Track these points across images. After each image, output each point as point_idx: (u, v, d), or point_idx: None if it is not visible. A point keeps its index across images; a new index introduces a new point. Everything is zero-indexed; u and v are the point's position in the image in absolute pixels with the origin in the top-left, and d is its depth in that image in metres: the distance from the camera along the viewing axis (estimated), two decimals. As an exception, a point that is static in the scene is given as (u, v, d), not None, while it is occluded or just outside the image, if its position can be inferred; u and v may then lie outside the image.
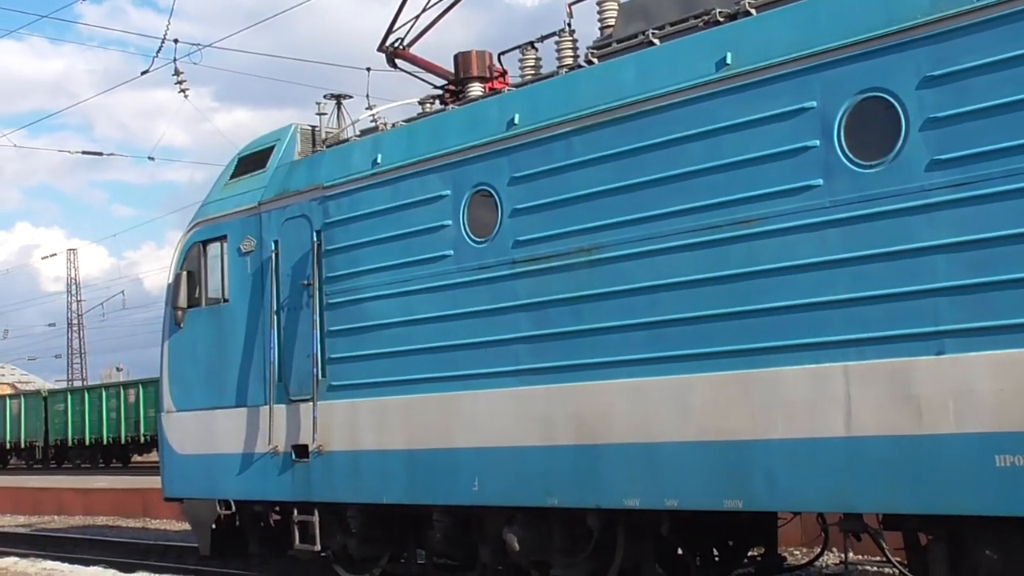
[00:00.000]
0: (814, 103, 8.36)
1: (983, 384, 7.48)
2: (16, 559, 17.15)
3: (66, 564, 16.02)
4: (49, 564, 16.05)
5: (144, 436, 45.03)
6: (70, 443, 49.82)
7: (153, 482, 24.53)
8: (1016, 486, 7.30)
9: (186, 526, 19.62)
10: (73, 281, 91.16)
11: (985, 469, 7.44)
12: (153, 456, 45.01)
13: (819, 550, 10.98)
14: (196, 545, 15.06)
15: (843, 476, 8.16)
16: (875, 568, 12.85)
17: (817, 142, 8.34)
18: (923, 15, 7.79)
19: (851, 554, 12.45)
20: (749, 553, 11.35)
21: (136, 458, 49.71)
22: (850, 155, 8.18)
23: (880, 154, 8.03)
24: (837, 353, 8.18)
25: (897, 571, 9.70)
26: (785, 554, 11.84)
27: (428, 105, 12.32)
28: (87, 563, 16.62)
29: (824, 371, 8.24)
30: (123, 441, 46.81)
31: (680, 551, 10.71)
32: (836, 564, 13.13)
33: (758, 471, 8.63)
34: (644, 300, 9.34)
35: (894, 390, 7.89)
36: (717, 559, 11.23)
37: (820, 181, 8.31)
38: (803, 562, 12.18)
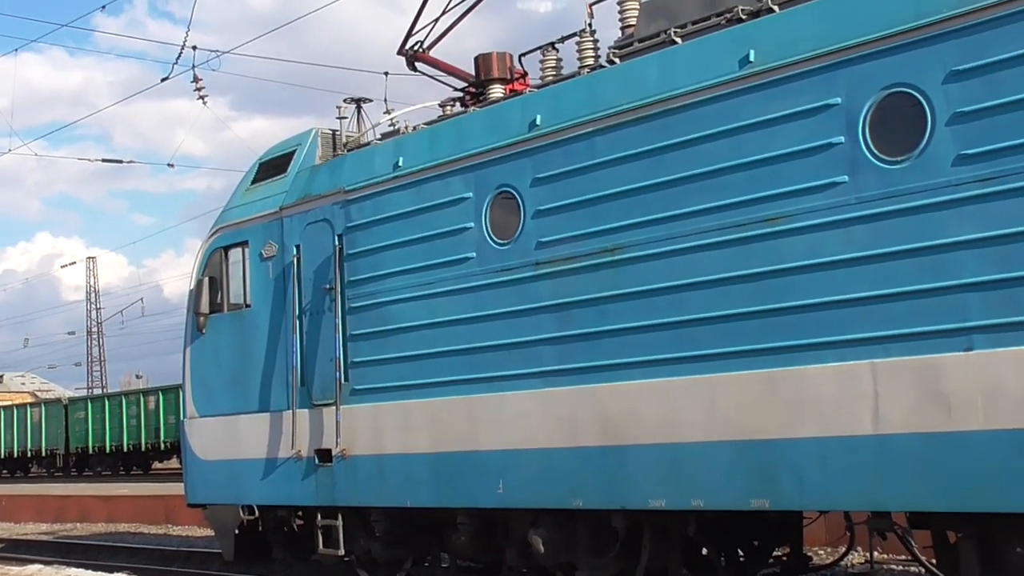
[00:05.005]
0: (839, 99, 8.32)
1: (1013, 380, 7.41)
2: (40, 566, 17.16)
3: (90, 571, 16.02)
4: (73, 571, 16.06)
5: (164, 443, 45.17)
6: (91, 450, 50.00)
7: (175, 488, 24.58)
8: (1047, 483, 7.25)
9: (209, 532, 19.68)
10: (92, 289, 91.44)
11: (1016, 465, 7.38)
12: (174, 463, 45.09)
13: (844, 549, 10.92)
14: (219, 551, 15.09)
15: (871, 474, 8.11)
16: (900, 567, 12.79)
17: (842, 138, 8.31)
18: (949, 9, 7.74)
19: (877, 553, 12.41)
20: (774, 553, 11.30)
21: (157, 465, 49.83)
22: (876, 151, 8.15)
23: (906, 149, 7.99)
24: (864, 350, 8.13)
25: (925, 570, 9.64)
26: (810, 554, 11.79)
27: (449, 108, 12.32)
28: (111, 570, 16.62)
29: (851, 368, 8.20)
30: (144, 448, 46.95)
31: (706, 551, 10.66)
32: (862, 563, 13.07)
33: (785, 470, 8.59)
34: (669, 300, 9.31)
35: (922, 387, 7.84)
36: (742, 559, 11.18)
37: (845, 177, 8.27)
38: (828, 562, 12.12)
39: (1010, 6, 7.47)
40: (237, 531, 14.01)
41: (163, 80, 23.05)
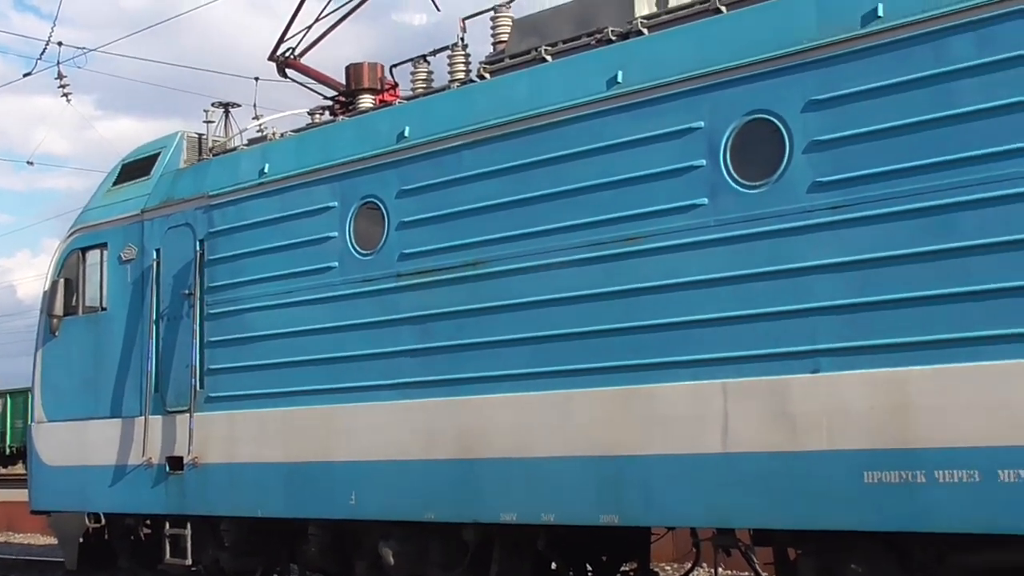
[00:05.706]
0: (702, 123, 8.50)
1: (856, 402, 7.64)
2: None
3: (-76, 578, 15.51)
4: (-94, 578, 15.53)
5: (10, 448, 43.94)
6: (-70, 455, 48.24)
7: (17, 495, 23.92)
8: (882, 502, 7.48)
9: (52, 540, 19.15)
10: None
11: (854, 485, 7.60)
12: (19, 468, 43.72)
13: (690, 565, 11.09)
14: (62, 559, 14.72)
15: (719, 491, 8.27)
16: (744, 585, 13.02)
17: (703, 161, 8.48)
18: (809, 40, 7.98)
19: (721, 569, 12.62)
20: (622, 568, 11.43)
21: (0, 470, 48.32)
22: (735, 175, 8.33)
23: (764, 175, 8.19)
24: (716, 370, 8.30)
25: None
26: (657, 569, 11.94)
27: (318, 116, 12.28)
28: (-54, 577, 16.11)
29: (703, 387, 8.35)
30: (-14, 453, 45.50)
31: (555, 566, 10.74)
32: (707, 581, 13.27)
33: (635, 486, 8.71)
34: (528, 315, 9.38)
35: (770, 407, 8.02)
36: (591, 573, 11.28)
37: (705, 200, 8.45)
38: (674, 578, 12.29)
39: (865, 41, 7.73)
40: (81, 539, 13.72)
41: (25, 75, 22.53)
